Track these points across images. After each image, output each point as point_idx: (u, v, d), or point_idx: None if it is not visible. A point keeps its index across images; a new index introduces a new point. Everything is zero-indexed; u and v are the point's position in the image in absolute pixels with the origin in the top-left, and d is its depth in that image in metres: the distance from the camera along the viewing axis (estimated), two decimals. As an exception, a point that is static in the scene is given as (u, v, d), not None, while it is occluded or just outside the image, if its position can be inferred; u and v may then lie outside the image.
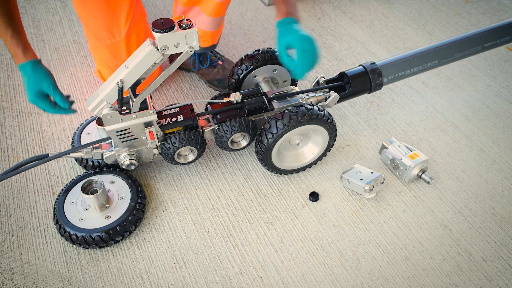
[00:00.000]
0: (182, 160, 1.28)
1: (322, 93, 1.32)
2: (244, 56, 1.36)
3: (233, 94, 1.26)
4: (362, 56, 1.80)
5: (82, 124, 1.40)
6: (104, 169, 1.29)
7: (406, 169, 1.30)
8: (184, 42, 1.06)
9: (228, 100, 1.26)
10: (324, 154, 1.35)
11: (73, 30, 1.90)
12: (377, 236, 1.22)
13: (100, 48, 1.42)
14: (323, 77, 1.35)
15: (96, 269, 1.14)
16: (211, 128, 1.25)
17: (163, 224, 1.24)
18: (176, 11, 1.57)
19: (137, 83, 1.15)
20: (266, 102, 1.26)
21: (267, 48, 1.36)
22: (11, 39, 1.15)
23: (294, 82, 1.45)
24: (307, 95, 1.32)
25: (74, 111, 1.24)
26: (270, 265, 1.16)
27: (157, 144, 1.22)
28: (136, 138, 1.20)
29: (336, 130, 1.29)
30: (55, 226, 1.20)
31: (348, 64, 1.76)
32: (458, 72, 1.71)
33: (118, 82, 1.08)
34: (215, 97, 1.35)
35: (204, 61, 1.63)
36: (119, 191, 1.23)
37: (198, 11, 1.48)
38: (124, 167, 1.22)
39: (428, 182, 1.30)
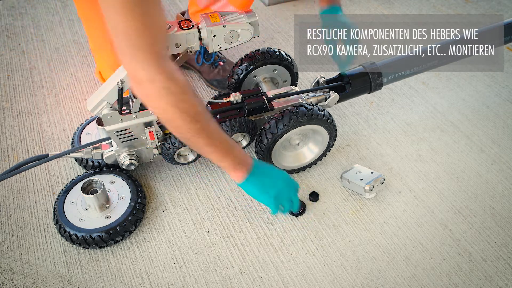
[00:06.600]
0: (182, 160, 1.28)
1: (322, 93, 1.33)
2: (244, 56, 1.36)
3: (233, 94, 1.26)
4: (362, 56, 1.79)
5: (82, 124, 1.40)
6: (104, 169, 1.29)
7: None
8: (185, 43, 1.06)
9: (228, 100, 1.26)
10: (324, 154, 1.34)
11: (73, 30, 1.90)
12: (377, 236, 1.22)
13: (105, 50, 1.40)
14: (323, 77, 1.35)
15: (96, 269, 1.14)
16: (211, 128, 1.25)
17: (163, 224, 1.24)
18: (199, 3, 1.55)
19: (137, 83, 1.15)
20: (266, 102, 1.27)
21: (267, 48, 1.36)
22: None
23: (294, 82, 1.45)
24: (307, 95, 1.32)
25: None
26: (270, 265, 1.16)
27: (157, 144, 1.22)
28: (136, 138, 1.20)
29: (336, 130, 1.29)
30: (55, 226, 1.20)
31: (348, 64, 1.76)
32: (458, 72, 1.71)
33: (118, 82, 1.08)
34: (215, 97, 1.35)
35: (208, 58, 1.63)
36: (119, 191, 1.23)
37: (225, 4, 1.48)
38: (124, 167, 1.22)
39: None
